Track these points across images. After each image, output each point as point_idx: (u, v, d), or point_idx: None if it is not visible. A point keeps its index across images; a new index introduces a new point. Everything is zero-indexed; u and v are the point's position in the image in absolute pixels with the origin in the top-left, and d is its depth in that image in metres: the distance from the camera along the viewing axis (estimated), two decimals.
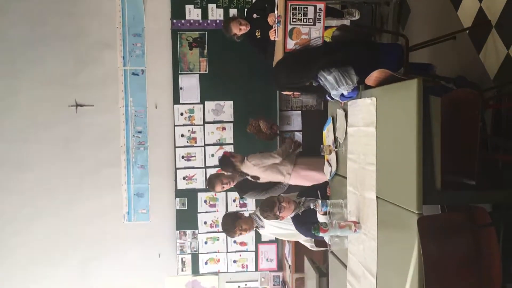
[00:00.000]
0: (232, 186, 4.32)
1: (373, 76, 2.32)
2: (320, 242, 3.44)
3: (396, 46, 3.03)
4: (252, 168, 4.18)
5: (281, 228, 3.56)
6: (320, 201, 2.91)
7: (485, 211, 1.97)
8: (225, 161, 4.34)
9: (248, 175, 4.23)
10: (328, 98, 2.93)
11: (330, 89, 2.53)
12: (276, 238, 5.31)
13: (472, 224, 1.98)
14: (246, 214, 5.29)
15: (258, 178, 4.24)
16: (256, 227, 3.68)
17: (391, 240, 2.17)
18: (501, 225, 2.13)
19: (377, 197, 2.30)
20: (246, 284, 5.46)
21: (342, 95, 2.62)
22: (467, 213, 2.01)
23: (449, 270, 1.95)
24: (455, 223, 2.01)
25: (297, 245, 4.60)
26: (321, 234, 2.55)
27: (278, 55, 3.79)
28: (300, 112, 5.38)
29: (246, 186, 4.40)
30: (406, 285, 1.96)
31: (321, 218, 2.94)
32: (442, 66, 3.35)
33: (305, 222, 3.26)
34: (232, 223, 3.62)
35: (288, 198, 3.37)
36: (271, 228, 3.65)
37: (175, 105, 5.21)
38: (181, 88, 5.21)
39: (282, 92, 3.33)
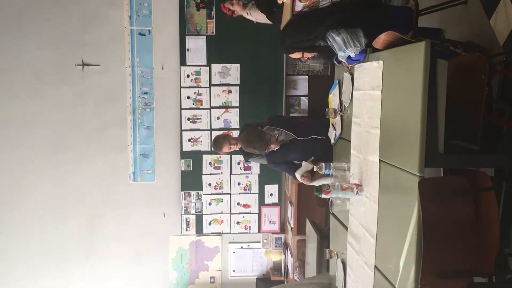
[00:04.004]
0: (237, 148, 4.33)
1: (381, 39, 2.30)
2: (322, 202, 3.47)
3: (406, 9, 2.98)
4: None
5: None
6: (323, 164, 2.94)
7: (486, 175, 1.99)
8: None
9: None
10: (335, 62, 2.92)
11: (338, 50, 2.51)
12: (279, 200, 5.40)
13: (472, 188, 2.00)
14: (250, 177, 5.39)
15: None
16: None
17: (392, 202, 2.20)
18: (502, 190, 2.16)
19: (380, 160, 2.32)
20: (248, 245, 5.57)
21: (349, 58, 2.61)
22: (468, 176, 2.03)
23: (447, 233, 1.98)
24: (456, 186, 2.03)
25: (299, 208, 4.66)
26: (323, 196, 2.58)
27: (286, 17, 3.73)
28: (306, 76, 5.35)
29: None
30: (405, 246, 2.00)
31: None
32: (451, 31, 3.30)
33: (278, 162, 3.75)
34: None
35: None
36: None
37: (181, 67, 5.19)
38: (188, 50, 5.18)
39: (290, 55, 3.30)
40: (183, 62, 5.19)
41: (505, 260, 2.61)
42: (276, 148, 3.66)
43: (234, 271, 5.60)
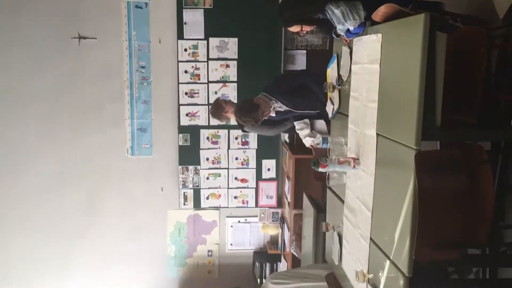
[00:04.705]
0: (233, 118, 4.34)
1: (380, 11, 2.28)
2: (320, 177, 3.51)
3: None
4: None
5: None
6: (321, 138, 2.95)
7: (483, 149, 2.00)
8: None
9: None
10: (334, 35, 2.90)
11: (337, 23, 2.50)
12: (276, 175, 5.43)
13: (468, 161, 2.02)
14: (247, 152, 5.40)
15: None
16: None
17: (389, 175, 2.22)
18: (497, 164, 2.17)
19: (377, 134, 2.33)
20: (245, 219, 5.62)
21: (348, 31, 2.59)
22: (465, 150, 2.04)
23: (442, 205, 2.01)
24: (452, 159, 2.04)
25: (296, 182, 4.69)
26: (320, 169, 2.60)
27: None
28: (305, 51, 5.31)
29: None
30: (400, 218, 2.03)
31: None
32: (451, 5, 3.27)
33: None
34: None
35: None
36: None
37: (179, 41, 5.14)
38: (185, 23, 5.12)
39: (289, 29, 3.27)
40: (180, 35, 5.13)
41: (499, 232, 2.65)
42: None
43: (231, 244, 5.67)
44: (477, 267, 2.91)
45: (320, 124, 3.99)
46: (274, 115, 3.93)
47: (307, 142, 3.99)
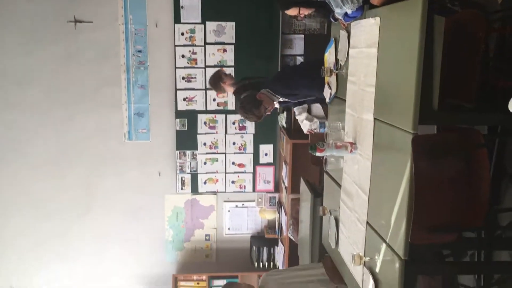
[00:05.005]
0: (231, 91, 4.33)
1: None
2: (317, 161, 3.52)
3: None
4: None
5: None
6: (318, 123, 2.95)
7: (479, 133, 2.01)
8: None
9: None
10: (332, 19, 2.88)
11: (335, 6, 2.47)
12: (273, 160, 5.45)
13: (465, 145, 2.02)
14: (245, 137, 5.40)
15: None
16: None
17: (385, 159, 2.23)
18: (494, 148, 2.18)
19: (374, 118, 2.33)
20: (243, 204, 5.64)
21: (346, 14, 2.57)
22: (462, 134, 2.05)
23: (439, 188, 2.01)
24: (449, 143, 2.05)
25: (294, 167, 4.71)
26: (317, 154, 2.60)
27: None
28: (302, 35, 5.28)
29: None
30: (397, 202, 2.04)
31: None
32: None
33: None
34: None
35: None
36: None
37: (175, 25, 5.11)
38: (182, 7, 5.08)
39: (287, 12, 3.25)
40: (177, 19, 5.10)
41: (494, 216, 2.67)
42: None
43: (229, 229, 5.70)
44: (473, 250, 2.94)
45: (317, 108, 4.00)
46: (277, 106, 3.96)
47: (305, 127, 4.00)
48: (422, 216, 1.88)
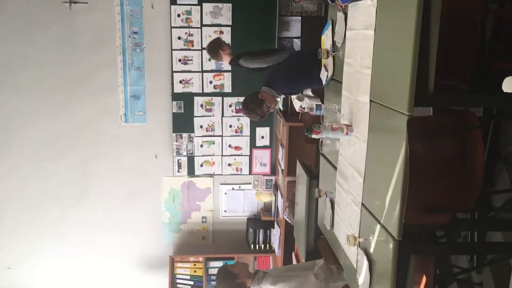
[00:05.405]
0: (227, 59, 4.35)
1: None
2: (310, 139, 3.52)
3: None
4: None
5: None
6: (315, 105, 2.95)
7: (474, 114, 2.02)
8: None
9: None
10: (329, 1, 2.86)
11: None
12: (270, 142, 5.46)
13: (460, 127, 2.03)
14: (241, 119, 5.40)
15: None
16: None
17: (381, 141, 2.24)
18: (489, 130, 2.19)
19: (370, 100, 2.33)
20: (239, 187, 5.67)
21: None
22: (456, 116, 2.06)
23: (433, 170, 2.03)
24: (444, 124, 2.06)
25: (290, 150, 4.72)
26: (313, 136, 2.62)
27: None
28: (300, 18, 5.24)
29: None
30: (391, 183, 2.06)
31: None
32: None
33: None
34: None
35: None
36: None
37: (171, 6, 5.06)
38: None
39: None
40: (173, 0, 5.05)
41: (488, 198, 2.70)
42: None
43: (225, 211, 5.74)
44: (466, 231, 2.98)
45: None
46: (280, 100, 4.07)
47: (296, 105, 4.04)
48: (416, 197, 1.90)
